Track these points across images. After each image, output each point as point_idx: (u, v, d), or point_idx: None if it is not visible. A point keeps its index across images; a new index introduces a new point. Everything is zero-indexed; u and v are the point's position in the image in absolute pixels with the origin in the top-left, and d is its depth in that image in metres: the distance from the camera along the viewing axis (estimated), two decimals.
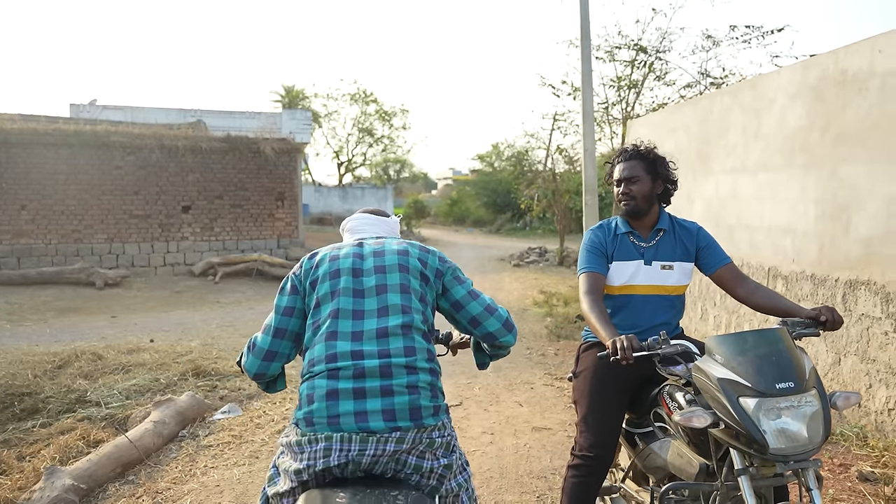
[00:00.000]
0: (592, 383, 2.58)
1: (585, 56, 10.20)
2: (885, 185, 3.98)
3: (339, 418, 1.72)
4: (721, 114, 6.04)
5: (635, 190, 2.61)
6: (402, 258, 2.01)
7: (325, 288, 1.94)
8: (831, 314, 2.28)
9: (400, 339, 1.85)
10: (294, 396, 5.46)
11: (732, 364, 1.98)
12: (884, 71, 4.00)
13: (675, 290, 2.65)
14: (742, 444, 1.95)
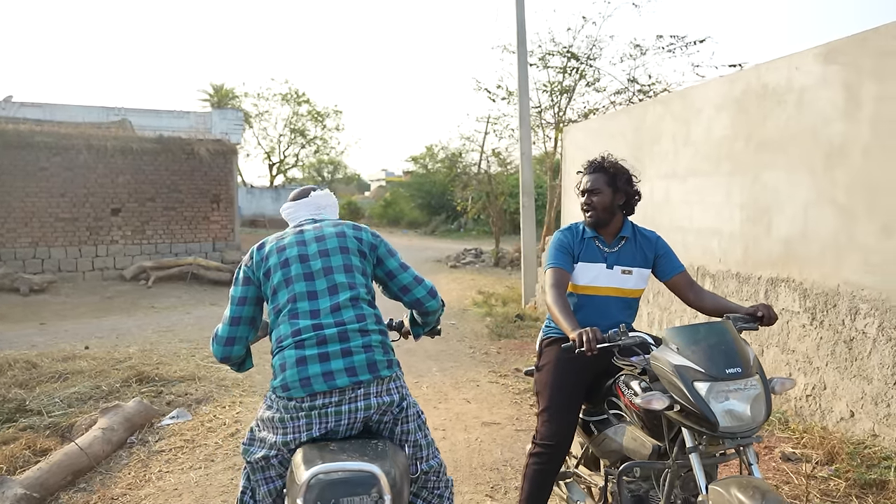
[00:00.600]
0: (554, 376, 2.76)
1: (522, 62, 10.51)
2: (802, 190, 4.35)
3: (310, 380, 2.04)
4: (654, 122, 6.39)
5: (596, 201, 2.82)
6: (341, 240, 2.30)
7: (278, 277, 2.23)
8: (767, 311, 2.55)
9: (350, 310, 2.18)
10: (244, 400, 5.47)
11: (687, 352, 2.21)
12: (800, 86, 4.38)
13: (633, 294, 2.87)
14: (695, 423, 2.17)
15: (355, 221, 2.72)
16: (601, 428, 2.74)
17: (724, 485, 2.11)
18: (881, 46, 3.71)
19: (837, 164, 4.04)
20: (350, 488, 1.78)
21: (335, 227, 2.34)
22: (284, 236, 2.35)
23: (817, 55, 4.22)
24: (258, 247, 2.35)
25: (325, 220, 2.44)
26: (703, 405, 2.11)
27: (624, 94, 14.79)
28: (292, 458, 2.01)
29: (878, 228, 3.74)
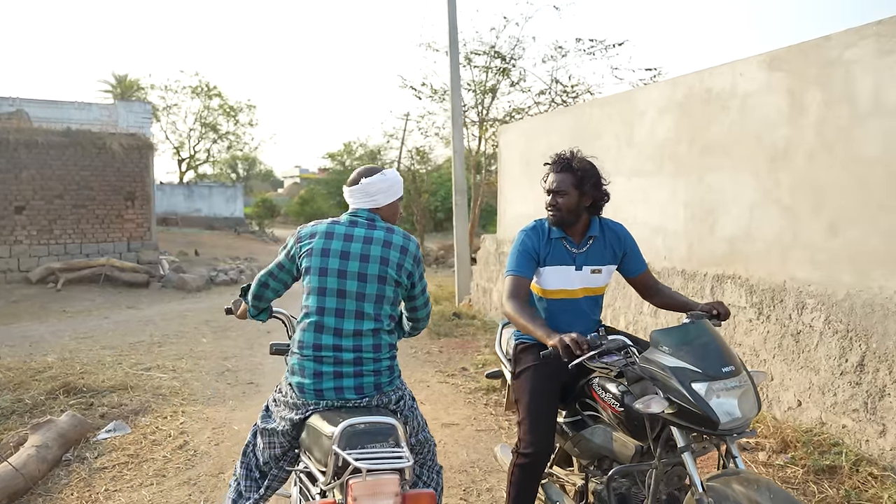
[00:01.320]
0: (533, 382, 2.73)
1: (454, 61, 10.51)
2: (747, 191, 4.55)
3: (322, 392, 2.31)
4: (595, 122, 6.53)
5: (561, 202, 2.74)
6: (382, 268, 2.38)
7: (315, 262, 2.38)
8: (722, 307, 2.65)
9: (370, 339, 2.37)
10: (186, 410, 5.20)
11: (680, 353, 2.24)
12: (743, 92, 4.57)
13: (602, 290, 2.90)
14: (692, 422, 2.18)
15: (273, 219, 2.74)
16: (576, 429, 2.75)
17: (722, 481, 2.13)
18: (826, 56, 3.93)
19: (782, 166, 4.25)
20: (372, 436, 2.05)
21: (382, 248, 2.40)
22: (338, 222, 2.47)
23: (761, 62, 4.42)
24: (312, 226, 2.51)
25: (377, 228, 2.45)
26: (703, 405, 2.14)
27: (547, 95, 15.13)
28: (307, 422, 2.31)
29: (823, 228, 3.95)
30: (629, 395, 2.41)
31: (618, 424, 2.51)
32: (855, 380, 3.73)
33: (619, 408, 2.46)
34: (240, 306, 2.94)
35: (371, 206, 2.50)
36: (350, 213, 2.51)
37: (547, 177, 2.85)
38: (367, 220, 2.47)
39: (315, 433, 2.23)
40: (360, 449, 2.01)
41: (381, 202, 2.52)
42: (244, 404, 5.41)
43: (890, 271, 3.57)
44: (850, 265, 3.79)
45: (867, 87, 3.66)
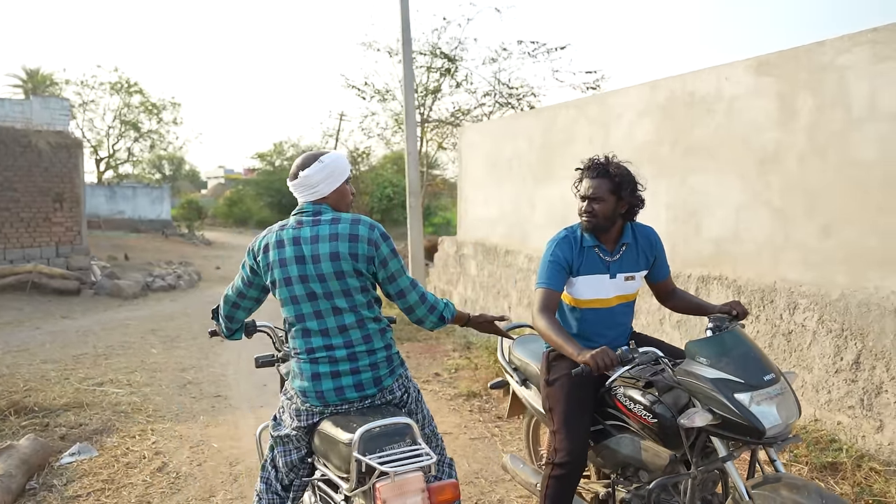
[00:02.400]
0: (568, 391, 2.68)
1: (407, 61, 10.35)
2: (733, 193, 4.63)
3: (323, 394, 2.31)
4: (566, 125, 6.53)
5: (598, 209, 2.68)
6: (336, 264, 2.28)
7: (277, 274, 2.33)
8: (739, 307, 2.67)
9: (357, 331, 2.34)
10: (155, 427, 4.85)
11: (720, 364, 2.25)
12: (730, 96, 4.65)
13: (634, 296, 2.86)
14: (737, 433, 2.19)
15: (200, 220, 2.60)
16: (598, 439, 2.72)
17: (768, 488, 2.14)
18: (818, 62, 4.02)
19: (772, 169, 4.34)
20: (389, 437, 2.06)
21: (330, 244, 2.30)
22: (284, 229, 2.36)
23: (748, 67, 4.50)
24: (262, 237, 2.41)
25: (321, 223, 2.33)
26: (748, 415, 2.15)
27: (491, 96, 15.17)
28: (319, 429, 2.30)
29: (817, 230, 4.05)
30: (660, 405, 2.42)
31: (648, 434, 2.49)
32: (850, 377, 3.83)
33: (651, 419, 2.43)
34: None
35: (316, 197, 2.38)
36: (296, 212, 2.40)
37: (580, 182, 2.78)
38: (312, 215, 2.35)
39: (330, 440, 2.23)
40: (380, 452, 2.02)
41: (326, 191, 2.38)
42: (216, 420, 5.11)
43: (886, 272, 3.68)
44: (845, 266, 3.90)
45: (862, 92, 3.77)
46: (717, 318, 2.49)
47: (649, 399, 2.44)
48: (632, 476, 2.66)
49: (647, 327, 5.42)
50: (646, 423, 2.45)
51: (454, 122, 15.76)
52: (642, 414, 2.46)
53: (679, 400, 2.37)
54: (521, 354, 3.25)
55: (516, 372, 3.26)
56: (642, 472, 2.60)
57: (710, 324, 2.47)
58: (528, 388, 3.17)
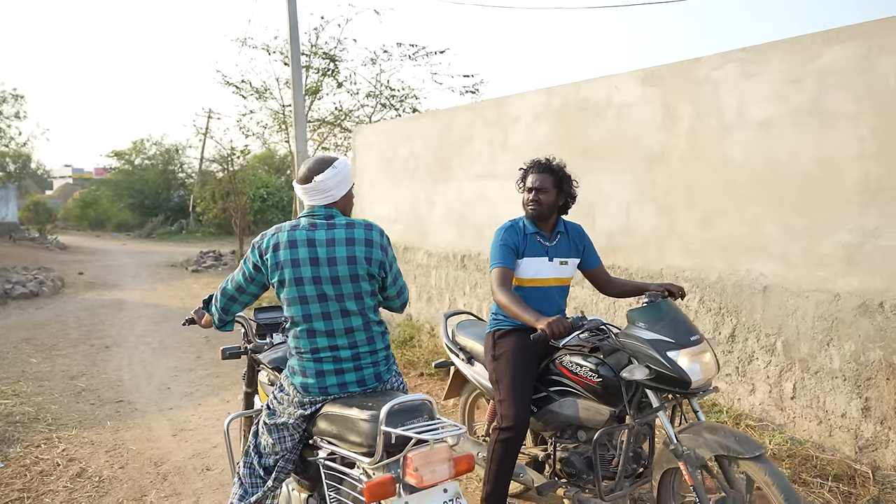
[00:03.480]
0: (514, 364, 3.02)
1: (295, 60, 10.31)
2: (623, 191, 5.15)
3: (327, 388, 2.40)
4: (464, 127, 6.87)
5: (543, 199, 3.12)
6: (351, 268, 2.38)
7: (287, 273, 2.37)
8: (674, 287, 3.12)
9: (362, 333, 2.45)
10: (61, 435, 4.64)
11: (656, 328, 2.67)
12: (619, 103, 5.17)
13: (568, 281, 3.26)
14: (668, 385, 2.61)
15: (52, 223, 2.70)
16: (542, 405, 3.06)
17: (693, 431, 2.59)
18: (696, 75, 4.60)
19: (658, 168, 4.89)
20: (410, 413, 2.17)
21: (347, 248, 2.38)
22: (297, 228, 2.41)
23: (636, 77, 5.04)
24: (273, 235, 2.42)
25: (337, 227, 2.41)
26: (678, 369, 2.57)
27: (374, 98, 15.32)
28: (322, 413, 2.40)
29: (696, 222, 4.63)
30: (604, 366, 2.80)
31: (591, 394, 2.86)
32: (727, 349, 4.43)
33: (596, 378, 2.82)
34: (203, 317, 2.89)
35: (329, 201, 2.46)
36: (307, 214, 2.47)
37: (525, 177, 3.21)
38: (325, 218, 2.43)
39: (344, 420, 2.30)
40: (403, 426, 2.11)
41: (338, 195, 2.47)
42: (126, 424, 4.95)
43: (755, 257, 4.29)
44: (721, 253, 4.49)
45: (733, 103, 4.37)
46: (652, 294, 2.90)
47: (594, 362, 2.83)
48: (570, 437, 3.03)
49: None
50: (590, 384, 2.82)
51: (336, 123, 15.76)
52: (588, 375, 2.83)
53: (620, 361, 2.74)
54: (466, 336, 3.57)
55: (462, 351, 3.55)
56: (581, 431, 2.97)
57: (645, 298, 2.88)
58: (472, 365, 3.47)
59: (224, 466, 4.06)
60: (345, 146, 16.25)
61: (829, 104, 3.86)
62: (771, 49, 4.16)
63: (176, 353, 7.39)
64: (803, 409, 4.04)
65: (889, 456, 3.61)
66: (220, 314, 2.63)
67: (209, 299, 2.71)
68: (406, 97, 15.07)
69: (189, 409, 5.29)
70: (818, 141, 3.91)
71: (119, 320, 9.57)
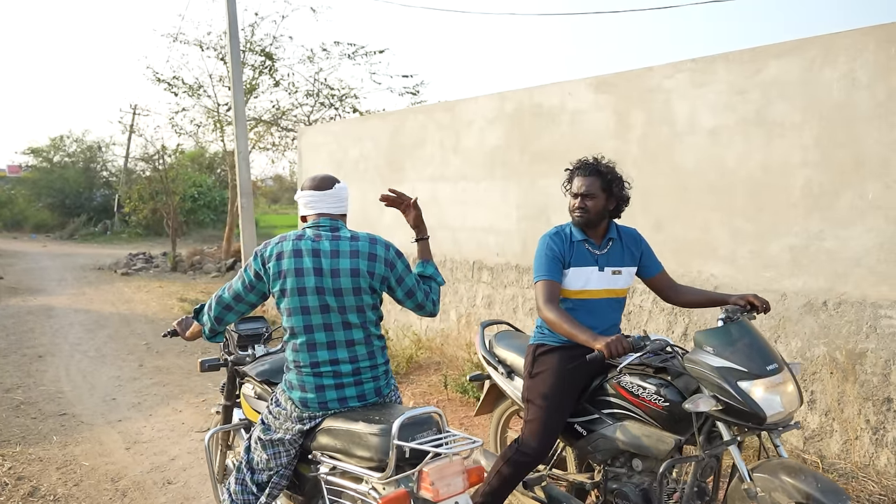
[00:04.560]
0: (551, 387, 2.75)
1: (235, 57, 10.09)
2: None
3: (326, 403, 2.38)
4: (416, 129, 6.89)
5: (590, 205, 2.81)
6: (354, 280, 2.37)
7: (290, 283, 2.35)
8: (758, 299, 2.71)
9: (363, 347, 2.43)
10: (5, 453, 4.41)
11: (725, 354, 2.36)
12: (573, 109, 5.30)
13: (623, 293, 2.93)
14: (740, 419, 2.32)
15: None
16: (592, 428, 2.77)
17: (768, 469, 2.29)
18: (647, 84, 4.77)
19: None
20: (419, 426, 2.15)
21: (350, 260, 2.38)
22: (302, 239, 2.40)
23: (589, 85, 5.18)
24: (277, 243, 2.42)
25: (342, 238, 2.41)
26: (750, 402, 2.28)
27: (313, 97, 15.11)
28: (323, 427, 2.36)
29: (650, 225, 4.79)
30: (671, 389, 2.51)
31: (654, 420, 2.55)
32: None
33: (661, 403, 2.50)
34: (189, 326, 2.80)
35: (340, 212, 2.50)
36: (312, 225, 2.46)
37: (571, 180, 2.96)
38: (330, 229, 2.43)
39: (350, 434, 2.26)
40: (414, 439, 2.09)
41: (346, 209, 2.55)
42: (74, 438, 4.75)
43: (706, 259, 4.49)
44: (674, 255, 4.67)
45: (684, 111, 4.56)
46: (731, 309, 2.63)
47: (659, 384, 2.52)
48: (623, 465, 2.72)
49: (501, 315, 5.96)
50: (654, 408, 2.52)
51: (273, 122, 15.47)
52: (652, 399, 2.52)
53: (689, 385, 2.46)
54: (506, 348, 3.28)
55: (501, 364, 3.25)
56: (637, 460, 2.67)
57: (721, 314, 2.62)
58: (512, 380, 3.18)
59: (186, 480, 3.96)
60: (283, 145, 16.00)
61: (775, 114, 4.08)
62: (719, 60, 4.36)
63: (116, 362, 7.12)
64: None
65: (833, 445, 3.85)
66: (212, 323, 2.56)
67: (200, 308, 2.64)
68: (346, 96, 14.94)
69: (140, 421, 5.11)
70: (764, 149, 4.13)
71: (50, 328, 9.13)
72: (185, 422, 5.04)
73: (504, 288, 5.94)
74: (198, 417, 5.13)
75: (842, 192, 3.80)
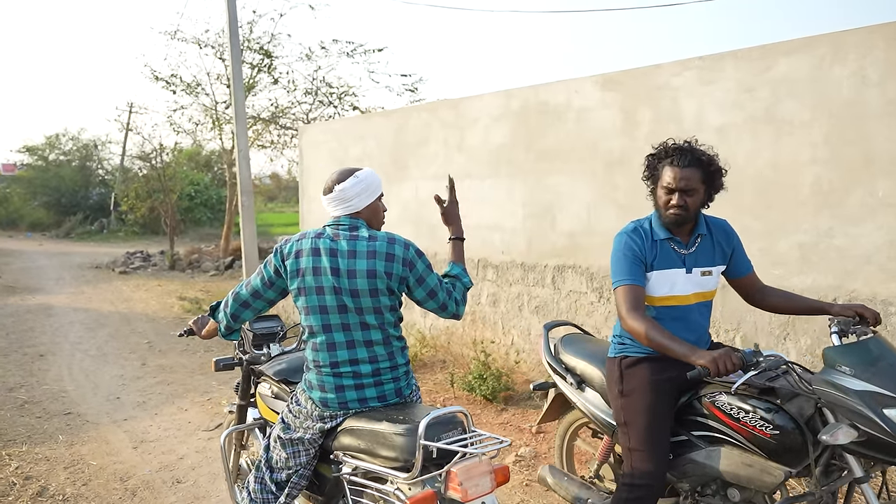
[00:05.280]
0: (650, 404, 2.42)
1: (235, 54, 10.05)
2: (584, 192, 5.29)
3: (347, 403, 2.36)
4: (419, 126, 6.87)
5: (690, 203, 2.40)
6: (371, 282, 2.32)
7: (309, 281, 2.34)
8: (868, 311, 2.39)
9: (382, 347, 2.40)
10: (10, 452, 4.38)
11: (867, 375, 2.03)
12: (579, 106, 5.30)
13: (712, 295, 2.58)
14: (883, 452, 2.00)
15: None
16: (680, 451, 2.47)
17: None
18: (655, 82, 4.77)
19: (618, 171, 5.04)
20: (444, 426, 2.12)
21: (367, 261, 2.32)
22: (320, 238, 2.38)
23: (595, 82, 5.17)
24: (297, 240, 2.41)
25: (359, 238, 2.36)
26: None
27: (312, 95, 15.08)
28: (345, 426, 2.34)
29: None
30: (781, 414, 2.19)
31: (758, 448, 2.24)
32: None
33: (769, 430, 2.19)
34: (205, 325, 2.79)
35: (351, 211, 2.42)
36: (332, 223, 2.43)
37: (659, 170, 2.49)
38: (349, 229, 2.38)
39: (374, 434, 2.23)
40: (440, 439, 2.06)
41: (360, 206, 2.42)
42: (80, 438, 4.73)
43: None
44: None
45: (691, 109, 4.56)
46: (843, 321, 2.35)
47: (765, 407, 2.21)
48: (716, 494, 2.44)
49: (506, 313, 5.96)
50: (759, 435, 2.20)
51: (271, 120, 15.43)
52: (756, 424, 2.21)
53: (804, 410, 2.14)
54: (574, 354, 2.97)
55: (569, 373, 2.93)
56: (733, 490, 2.37)
57: (834, 327, 2.33)
58: (583, 391, 2.87)
59: (196, 479, 3.94)
60: (281, 144, 15.96)
61: (784, 112, 4.08)
62: (728, 58, 4.36)
63: (118, 361, 7.09)
64: None
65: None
66: (228, 320, 2.55)
67: (216, 306, 2.64)
68: (345, 94, 14.91)
69: (145, 420, 5.09)
70: (773, 147, 4.14)
71: (50, 327, 9.09)
72: (192, 420, 5.02)
73: (509, 286, 5.93)
74: (204, 416, 5.11)
75: (852, 189, 3.81)
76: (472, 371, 5.28)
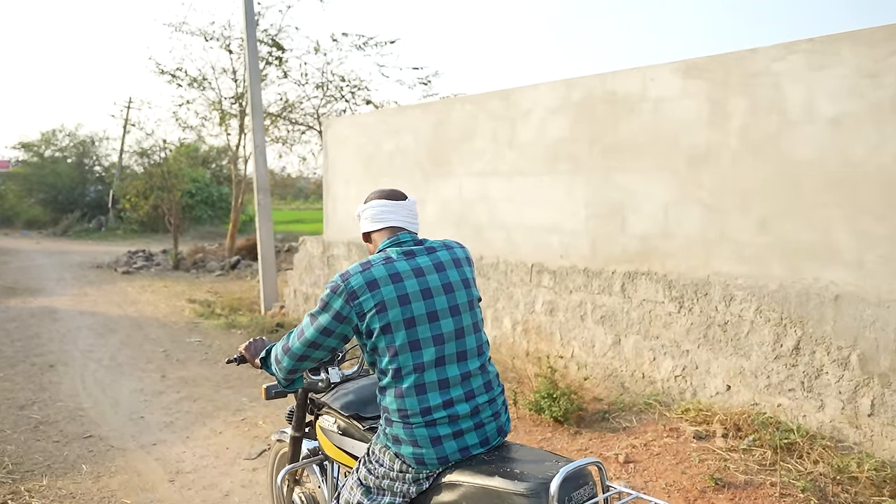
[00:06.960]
0: None
1: (251, 46, 9.51)
2: (660, 191, 4.79)
3: (447, 457, 1.98)
4: (463, 120, 6.36)
5: None
6: (468, 292, 2.07)
7: (394, 315, 1.95)
8: None
9: (479, 378, 2.06)
10: (30, 487, 3.85)
11: None
12: (656, 96, 4.79)
13: None
14: None
15: None
16: None
17: None
18: (750, 68, 4.27)
19: (703, 168, 4.54)
20: (574, 481, 1.82)
21: (456, 269, 2.07)
22: (393, 261, 2.01)
23: (675, 69, 4.67)
24: (363, 274, 1.97)
25: (436, 249, 2.08)
26: None
27: (323, 89, 14.54)
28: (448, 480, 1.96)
29: (752, 225, 4.31)
30: None
31: None
32: (791, 362, 4.13)
33: None
34: (258, 352, 2.41)
35: (415, 228, 2.18)
36: (392, 242, 2.09)
37: None
38: (415, 244, 2.09)
39: (487, 495, 1.87)
40: (571, 499, 1.80)
41: (417, 226, 2.23)
42: (107, 468, 4.20)
43: (823, 264, 4.00)
44: (782, 259, 4.18)
45: (798, 97, 4.06)
46: None
47: None
48: None
49: (565, 323, 5.46)
50: None
51: (280, 115, 14.89)
52: None
53: None
54: None
55: None
56: None
57: None
58: None
59: None
60: (291, 139, 15.42)
61: None
62: (844, 40, 3.87)
63: (135, 372, 6.56)
64: (884, 427, 3.77)
65: None
66: (285, 375, 2.19)
67: (266, 356, 2.30)
68: (358, 88, 14.37)
69: (177, 445, 4.57)
70: None
71: (57, 333, 8.54)
72: (230, 446, 4.50)
73: (569, 293, 5.43)
74: (242, 440, 4.59)
75: None
76: (538, 389, 4.77)
